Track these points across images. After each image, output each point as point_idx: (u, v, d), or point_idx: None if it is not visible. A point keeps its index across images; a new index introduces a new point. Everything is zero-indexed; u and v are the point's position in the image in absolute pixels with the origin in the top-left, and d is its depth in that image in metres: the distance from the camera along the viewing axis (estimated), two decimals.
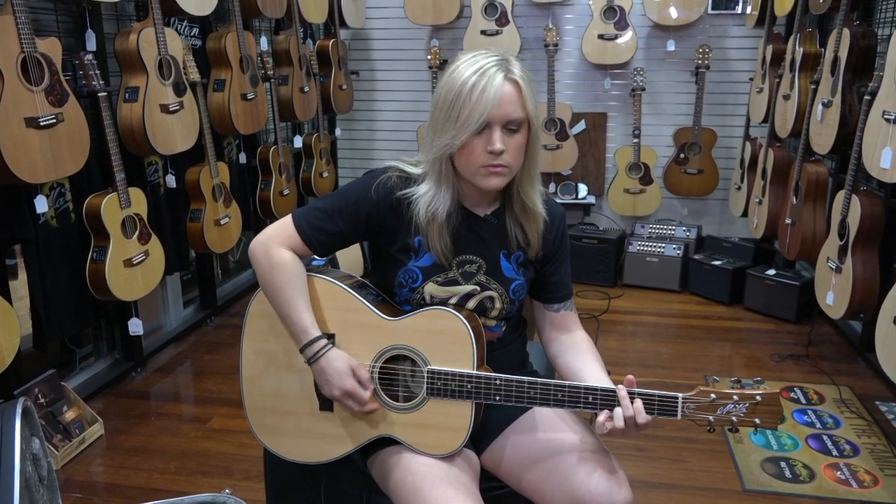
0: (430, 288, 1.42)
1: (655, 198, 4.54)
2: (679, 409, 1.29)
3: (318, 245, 1.43)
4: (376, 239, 1.46)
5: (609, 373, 1.43)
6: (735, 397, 1.28)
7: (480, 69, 1.29)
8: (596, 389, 1.31)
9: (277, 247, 1.41)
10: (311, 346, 1.37)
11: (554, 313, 1.53)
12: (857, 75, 2.85)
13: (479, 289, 1.43)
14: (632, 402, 1.28)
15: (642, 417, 1.27)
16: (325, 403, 1.44)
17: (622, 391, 1.29)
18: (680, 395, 1.28)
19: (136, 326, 2.96)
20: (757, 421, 1.28)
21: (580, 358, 1.46)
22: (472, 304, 1.43)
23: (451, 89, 1.30)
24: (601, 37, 4.38)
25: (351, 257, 2.49)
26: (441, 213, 1.37)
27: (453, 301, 1.42)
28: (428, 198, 1.38)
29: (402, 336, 1.38)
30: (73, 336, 2.97)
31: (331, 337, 1.42)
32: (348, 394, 1.35)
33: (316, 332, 1.38)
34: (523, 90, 1.30)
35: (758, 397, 1.27)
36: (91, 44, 2.66)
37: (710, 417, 1.29)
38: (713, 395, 1.28)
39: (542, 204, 1.45)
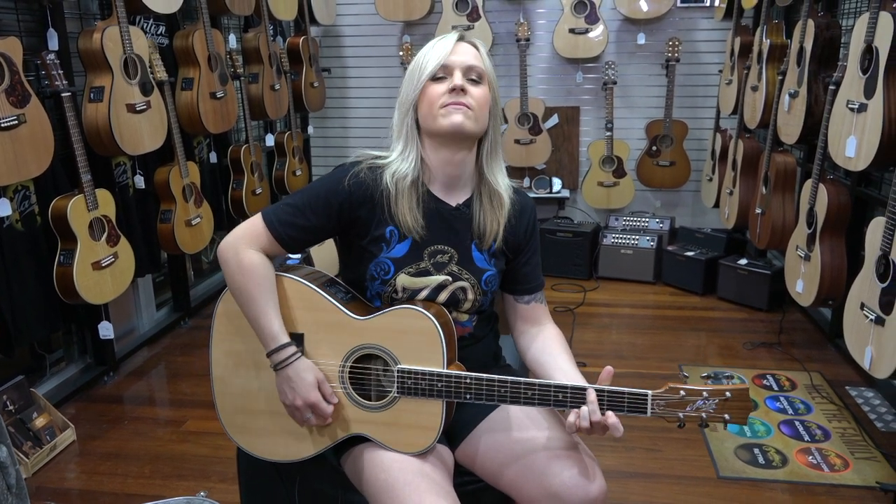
0: (402, 280, 1.41)
1: (629, 190, 4.58)
2: (648, 407, 1.28)
3: (290, 241, 1.41)
4: (349, 232, 1.44)
5: (585, 364, 1.43)
6: (705, 394, 1.27)
7: (440, 37, 1.42)
8: (566, 388, 1.30)
9: (247, 249, 1.39)
10: (280, 353, 1.35)
11: (524, 305, 1.53)
12: (822, 66, 2.89)
13: (450, 279, 1.42)
14: (603, 413, 1.27)
15: (617, 432, 1.27)
16: None
17: (591, 395, 1.28)
18: (649, 392, 1.28)
19: (106, 330, 2.92)
20: (726, 417, 1.27)
21: (550, 352, 1.46)
22: (444, 295, 1.42)
23: (416, 59, 1.41)
24: (572, 31, 4.40)
25: (326, 256, 2.47)
26: (407, 178, 1.39)
27: (425, 293, 1.41)
28: (394, 165, 1.41)
29: (371, 335, 1.37)
30: (43, 341, 2.92)
31: (300, 337, 1.40)
32: (312, 406, 1.34)
33: (284, 339, 1.36)
34: (481, 51, 1.40)
35: (727, 393, 1.26)
36: (53, 43, 2.61)
37: (680, 414, 1.28)
38: (682, 392, 1.27)
39: (512, 193, 1.47)
